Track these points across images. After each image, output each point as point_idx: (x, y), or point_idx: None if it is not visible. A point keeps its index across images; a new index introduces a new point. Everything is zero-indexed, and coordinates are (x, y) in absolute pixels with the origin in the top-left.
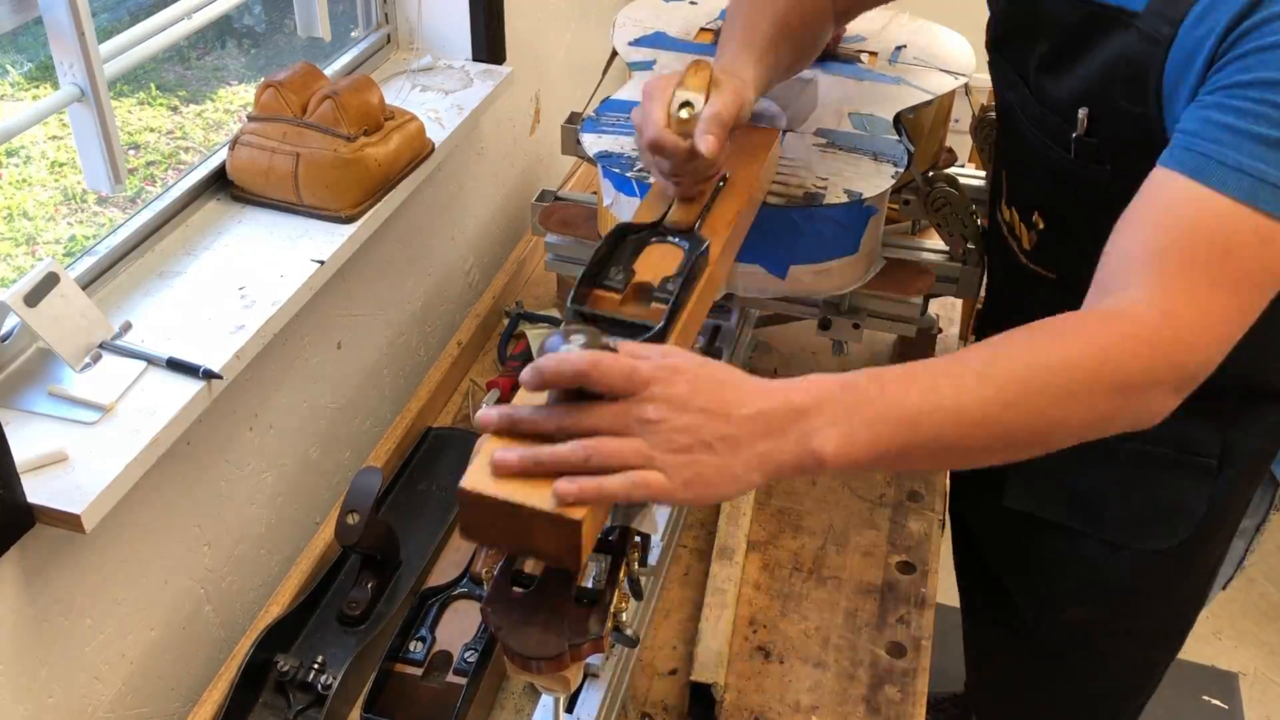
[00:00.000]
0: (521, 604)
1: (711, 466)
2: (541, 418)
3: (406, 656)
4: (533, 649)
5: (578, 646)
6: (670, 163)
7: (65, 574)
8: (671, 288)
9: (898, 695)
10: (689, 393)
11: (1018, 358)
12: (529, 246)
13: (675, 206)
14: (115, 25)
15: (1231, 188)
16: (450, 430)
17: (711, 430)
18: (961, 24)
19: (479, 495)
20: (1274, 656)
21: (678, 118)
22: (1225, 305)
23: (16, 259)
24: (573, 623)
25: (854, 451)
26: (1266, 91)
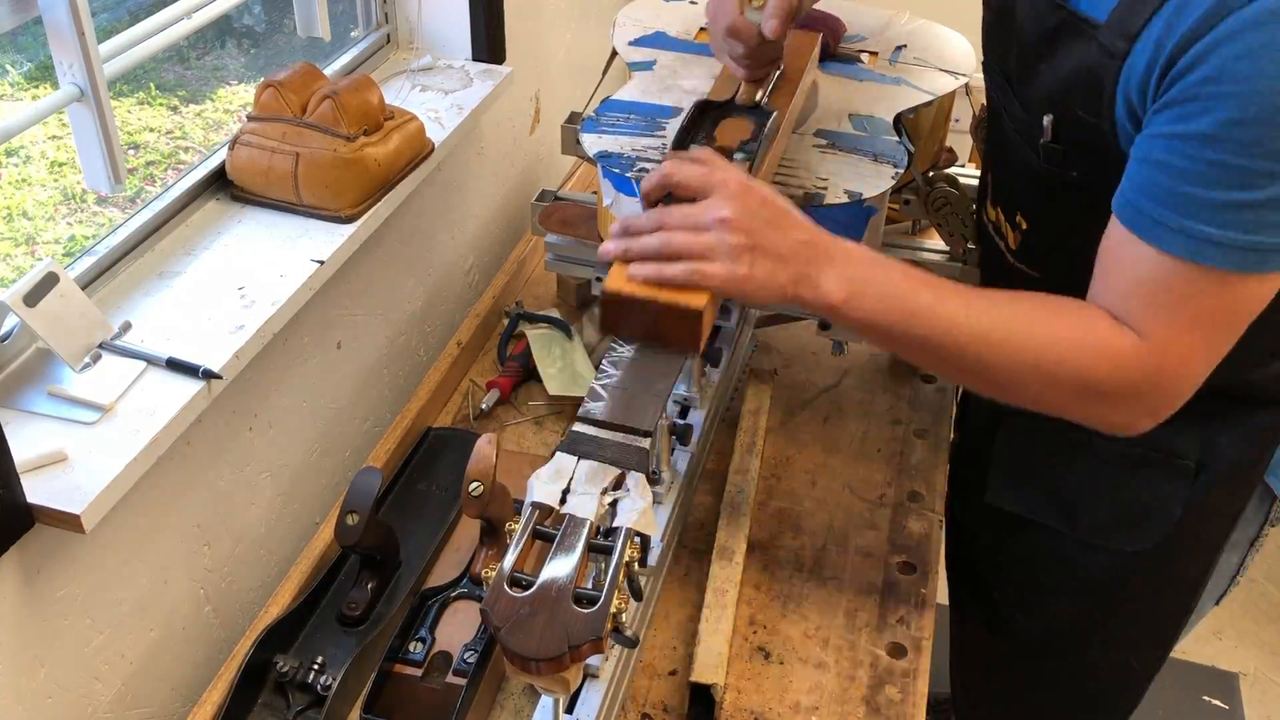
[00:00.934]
0: (521, 604)
1: (763, 269)
2: (643, 218)
3: (406, 657)
4: (532, 649)
5: (577, 647)
6: (743, 46)
7: (65, 574)
8: (751, 148)
9: (898, 696)
10: (759, 204)
11: (1019, 314)
12: (529, 246)
13: (743, 88)
14: (115, 25)
15: (1178, 249)
16: (450, 430)
17: (769, 239)
18: (961, 24)
19: (615, 293)
20: (1274, 656)
21: (750, 7)
22: (1191, 347)
23: (16, 259)
24: (572, 623)
25: (855, 311)
26: (1203, 148)
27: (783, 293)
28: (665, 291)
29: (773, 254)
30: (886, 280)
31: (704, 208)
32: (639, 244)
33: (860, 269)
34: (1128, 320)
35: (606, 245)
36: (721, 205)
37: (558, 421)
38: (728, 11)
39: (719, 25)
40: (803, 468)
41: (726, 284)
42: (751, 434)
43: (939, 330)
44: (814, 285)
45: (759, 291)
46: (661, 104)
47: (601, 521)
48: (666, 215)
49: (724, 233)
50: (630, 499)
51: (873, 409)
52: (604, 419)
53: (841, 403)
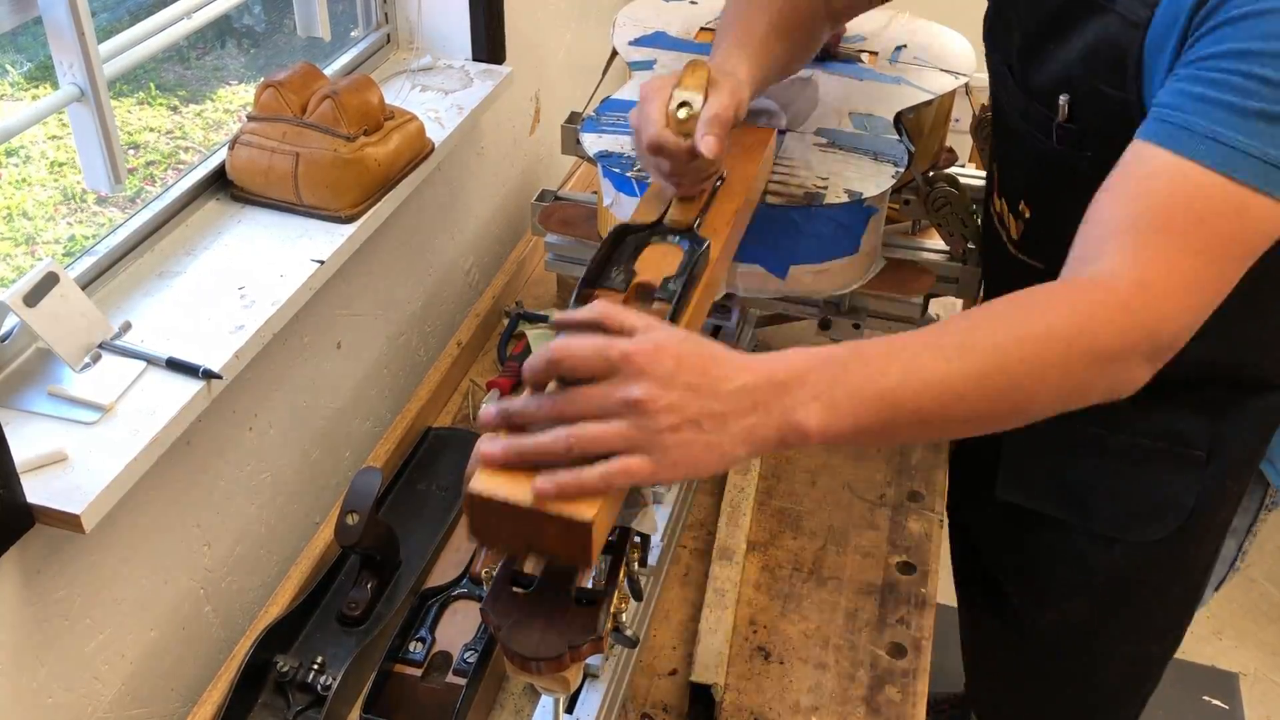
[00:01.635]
0: (521, 604)
1: (700, 444)
2: (533, 408)
3: (406, 657)
4: (533, 649)
5: (577, 647)
6: (670, 163)
7: (65, 574)
8: (674, 287)
9: (898, 696)
10: (674, 369)
11: (997, 329)
12: (529, 246)
13: (674, 206)
14: (115, 25)
15: (1206, 157)
16: (450, 430)
17: (699, 407)
18: (961, 24)
19: (482, 497)
20: (1274, 656)
21: (676, 118)
22: (1199, 272)
23: (16, 259)
24: (573, 623)
25: (837, 424)
26: (1238, 62)
27: (733, 458)
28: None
29: (705, 422)
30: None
31: (608, 389)
32: (535, 446)
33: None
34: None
35: (488, 443)
36: (629, 384)
37: None
38: (650, 123)
39: (642, 139)
40: (803, 468)
41: (657, 476)
42: None
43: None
44: (776, 429)
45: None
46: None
47: None
48: (565, 403)
49: (638, 418)
50: (630, 499)
51: None
52: None
53: None
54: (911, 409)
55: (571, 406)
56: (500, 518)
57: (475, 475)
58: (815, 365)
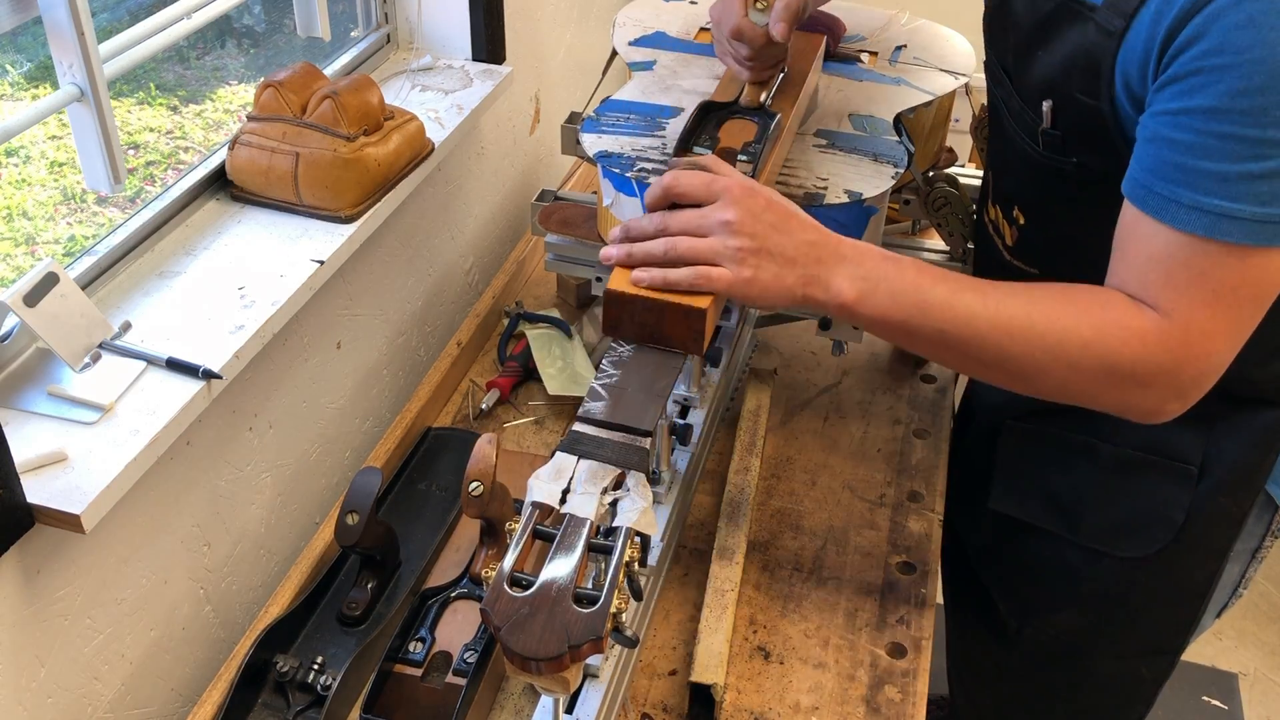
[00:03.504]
0: (521, 604)
1: (769, 271)
2: (646, 222)
3: (406, 657)
4: (532, 649)
5: (577, 647)
6: (748, 48)
7: (65, 574)
8: (755, 149)
9: (898, 696)
10: (763, 207)
11: (1034, 302)
12: (529, 246)
13: (747, 90)
14: (115, 25)
15: (1192, 225)
16: (450, 430)
17: (775, 242)
18: (961, 24)
19: (618, 293)
20: (1274, 656)
21: (755, 7)
22: (1212, 323)
23: (16, 259)
24: (572, 623)
25: (870, 309)
26: (1211, 120)
27: (791, 294)
28: (668, 291)
29: (779, 256)
30: (899, 276)
31: (707, 212)
32: (642, 249)
33: (871, 266)
34: (1148, 301)
35: (609, 249)
36: (725, 209)
37: (558, 421)
38: (732, 13)
39: (723, 27)
40: (803, 468)
41: (732, 288)
42: (751, 434)
43: (957, 323)
44: (824, 285)
45: (766, 294)
46: (661, 104)
47: (601, 521)
48: (670, 220)
49: (727, 236)
50: (630, 499)
51: (873, 409)
52: (604, 419)
53: (841, 403)
54: (936, 327)
55: (675, 221)
56: (631, 310)
57: (611, 277)
58: (877, 255)
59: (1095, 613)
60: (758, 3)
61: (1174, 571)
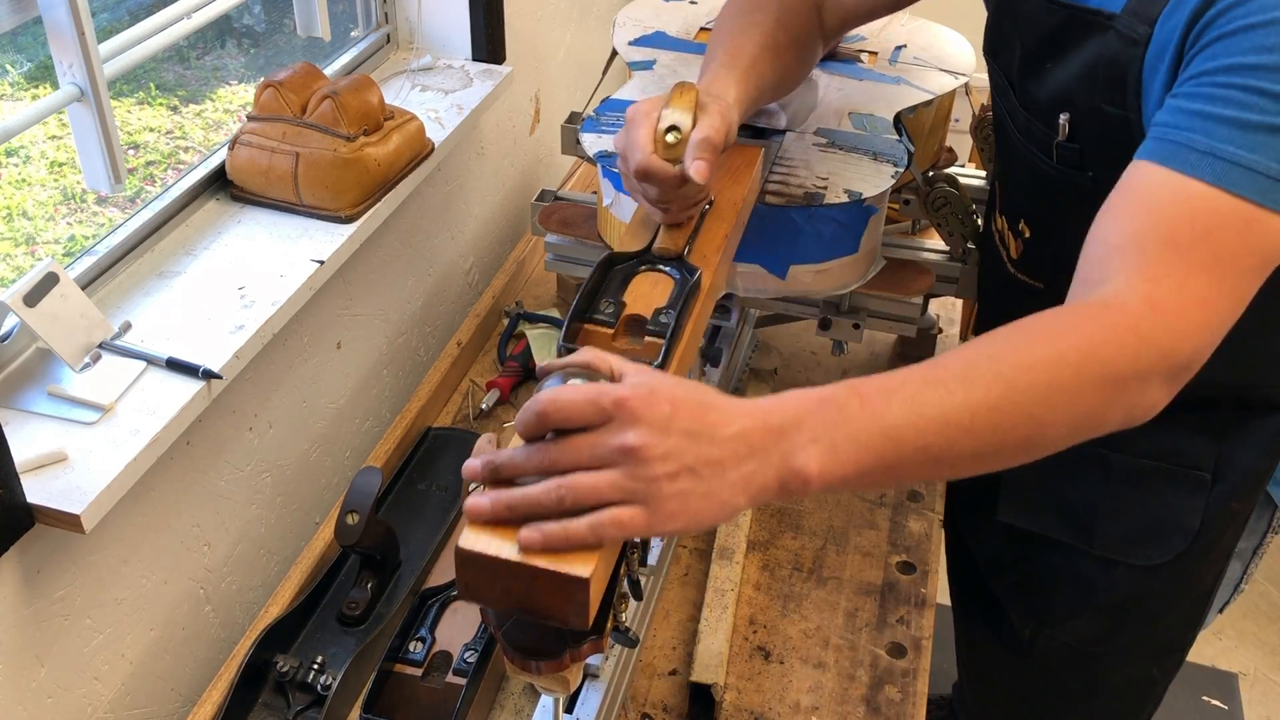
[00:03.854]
0: None
1: (698, 494)
2: (520, 459)
3: (406, 657)
4: (533, 649)
5: (577, 647)
6: (659, 189)
7: (65, 574)
8: (665, 319)
9: (898, 695)
10: (670, 414)
11: (1001, 358)
12: (529, 246)
13: (662, 233)
14: (115, 25)
15: (1204, 172)
16: (450, 430)
17: (696, 454)
18: (961, 24)
19: (470, 553)
20: (1274, 656)
21: (665, 143)
22: (1210, 289)
23: (16, 259)
24: None
25: (838, 468)
26: (1233, 76)
27: (734, 508)
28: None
29: (705, 469)
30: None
31: (600, 436)
32: (524, 497)
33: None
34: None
35: (476, 499)
36: (623, 430)
37: None
38: (638, 148)
39: (629, 164)
40: None
41: (653, 528)
42: None
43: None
44: (776, 476)
45: (703, 521)
46: None
47: None
48: (556, 453)
49: (634, 466)
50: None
51: None
52: None
53: None
54: (915, 447)
55: (564, 456)
56: (491, 574)
57: (463, 531)
58: (812, 408)
59: (1109, 620)
60: (668, 134)
61: (1187, 575)
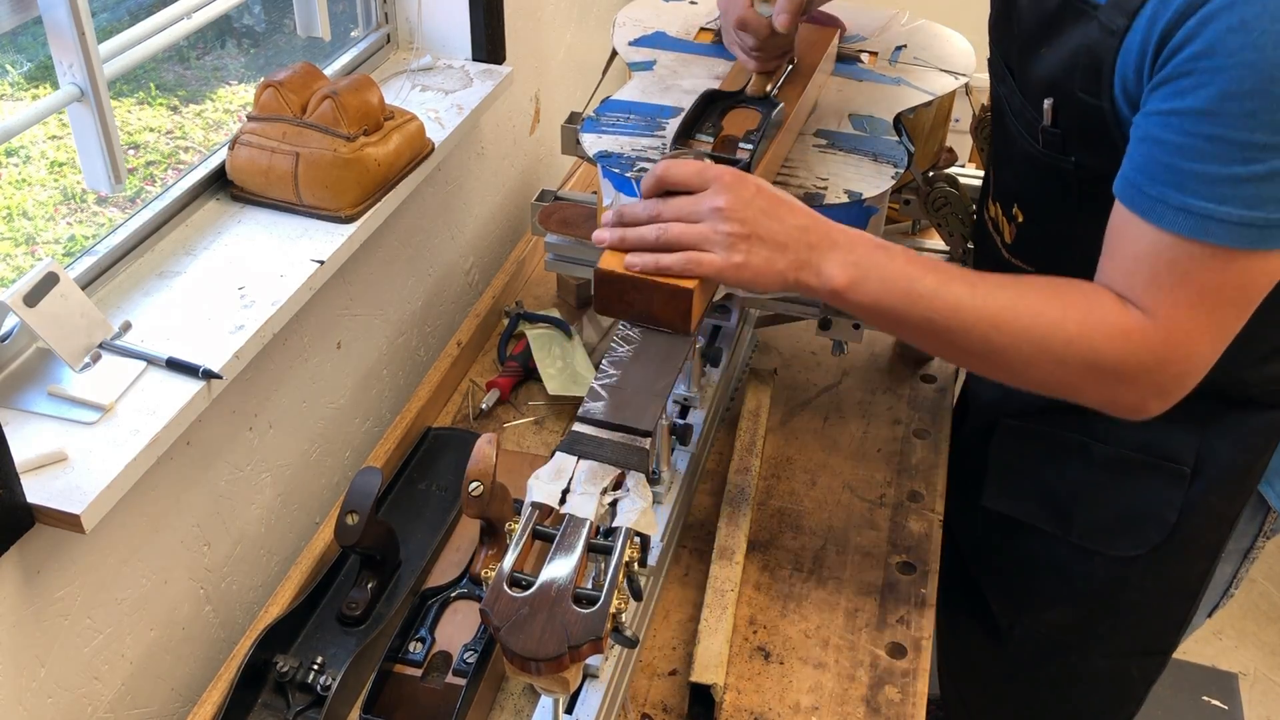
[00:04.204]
0: (521, 604)
1: (759, 256)
2: (639, 208)
3: (406, 657)
4: (532, 649)
5: (577, 647)
6: (753, 38)
7: (65, 574)
8: (754, 138)
9: (898, 696)
10: (754, 194)
11: (1021, 295)
12: (529, 246)
13: (754, 80)
14: (115, 25)
15: (1180, 227)
16: (450, 430)
17: (766, 227)
18: (961, 24)
19: (608, 272)
20: (1274, 656)
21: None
22: (1195, 322)
23: (16, 259)
24: (572, 623)
25: (858, 295)
26: (1201, 123)
27: (783, 279)
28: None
29: (770, 241)
30: (889, 264)
31: (699, 199)
32: (635, 233)
33: (862, 253)
34: (1133, 299)
35: (601, 232)
36: (716, 195)
37: (558, 421)
38: (738, 4)
39: (729, 18)
40: (803, 468)
41: (722, 273)
42: (751, 434)
43: (944, 313)
44: (815, 270)
45: (757, 279)
46: (661, 104)
47: (601, 521)
48: (663, 206)
49: (718, 221)
50: (630, 499)
51: (873, 409)
52: (604, 419)
53: (841, 403)
54: (924, 314)
55: (668, 207)
56: (620, 289)
57: (602, 257)
58: (869, 243)
59: (1086, 611)
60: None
61: (1165, 570)
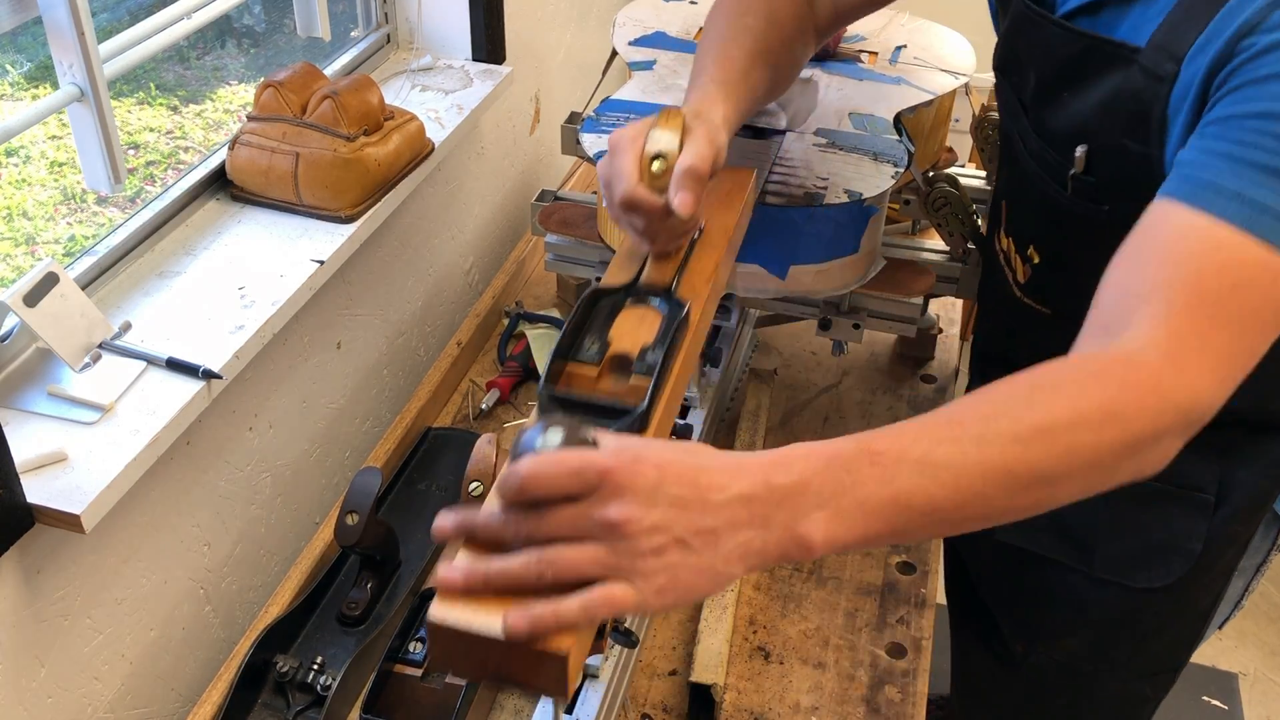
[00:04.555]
0: None
1: (688, 567)
2: (498, 524)
3: (406, 657)
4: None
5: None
6: (645, 220)
7: (65, 574)
8: (652, 359)
9: (898, 696)
10: (657, 482)
11: (1019, 416)
12: (529, 246)
13: (650, 265)
14: (115, 25)
15: (1232, 214)
16: (450, 430)
17: (686, 524)
18: (961, 24)
19: (444, 626)
20: (1274, 656)
21: (650, 172)
22: (1230, 345)
23: (16, 259)
24: None
25: (844, 535)
26: (1265, 122)
27: (730, 576)
28: None
29: (697, 540)
30: (856, 481)
31: (584, 510)
32: (503, 571)
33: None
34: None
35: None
36: (606, 504)
37: None
38: (623, 178)
39: (614, 192)
40: None
41: (645, 607)
42: (751, 434)
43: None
44: (777, 542)
45: (696, 594)
46: (661, 104)
47: None
48: (536, 524)
49: (620, 541)
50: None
51: (873, 409)
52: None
53: (841, 403)
54: (925, 511)
55: (545, 527)
56: (467, 646)
57: (435, 601)
58: (819, 468)
59: (1103, 636)
60: (653, 162)
61: (1184, 595)
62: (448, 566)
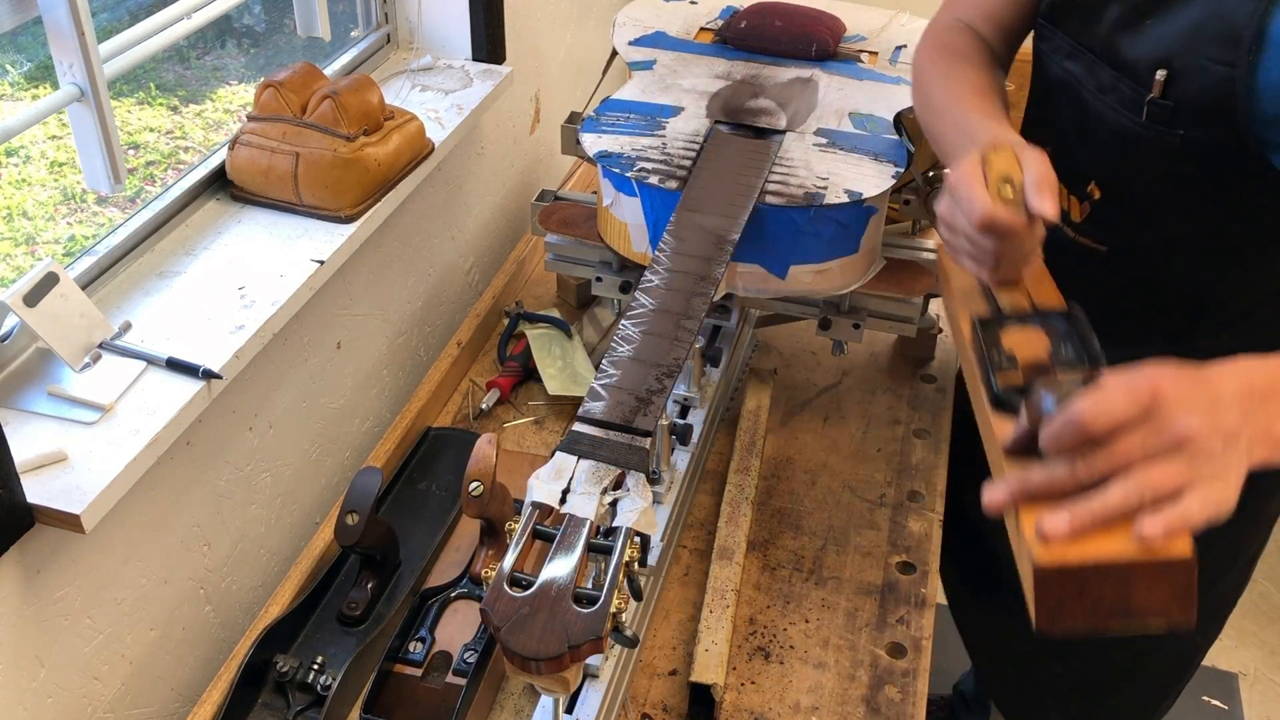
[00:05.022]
0: (521, 604)
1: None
2: (1060, 477)
3: (406, 657)
4: (532, 649)
5: (577, 647)
6: (1001, 242)
7: (65, 574)
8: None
9: (898, 696)
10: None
11: None
12: (529, 246)
13: (1003, 295)
14: (115, 25)
15: None
16: (450, 430)
17: (1231, 422)
18: None
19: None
20: (1274, 656)
21: (1003, 196)
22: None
23: (16, 259)
24: (572, 623)
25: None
26: None
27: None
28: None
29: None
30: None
31: (1148, 435)
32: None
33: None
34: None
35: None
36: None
37: (558, 421)
38: (976, 203)
39: (971, 219)
40: (803, 468)
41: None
42: (751, 434)
43: None
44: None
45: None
46: (661, 104)
47: (601, 521)
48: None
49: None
50: (630, 499)
51: (873, 409)
52: (604, 419)
53: (841, 403)
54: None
55: (1117, 458)
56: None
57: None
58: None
59: None
60: (1003, 187)
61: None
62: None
